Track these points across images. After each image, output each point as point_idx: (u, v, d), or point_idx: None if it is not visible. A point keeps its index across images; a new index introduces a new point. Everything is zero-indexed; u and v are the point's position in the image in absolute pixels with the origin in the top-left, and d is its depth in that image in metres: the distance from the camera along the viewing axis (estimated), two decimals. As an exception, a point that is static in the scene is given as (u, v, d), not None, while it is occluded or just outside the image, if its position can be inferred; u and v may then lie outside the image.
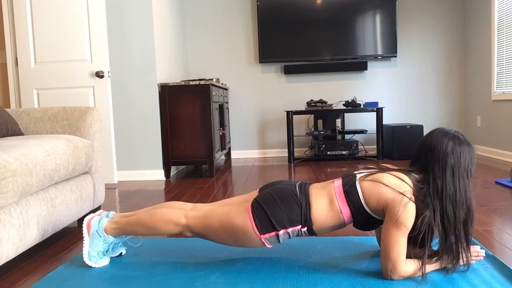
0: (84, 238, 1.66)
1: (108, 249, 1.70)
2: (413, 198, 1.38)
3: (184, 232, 1.58)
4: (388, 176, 1.44)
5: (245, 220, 1.48)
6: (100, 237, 1.65)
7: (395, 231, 1.36)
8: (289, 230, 1.48)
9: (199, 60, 5.19)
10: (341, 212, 1.46)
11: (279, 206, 1.47)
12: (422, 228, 1.36)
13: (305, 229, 1.48)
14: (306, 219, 1.47)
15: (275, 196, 1.50)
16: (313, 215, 1.46)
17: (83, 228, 1.67)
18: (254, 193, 1.65)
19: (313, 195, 1.49)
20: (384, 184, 1.41)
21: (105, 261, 1.69)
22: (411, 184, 1.41)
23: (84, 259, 1.66)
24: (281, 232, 1.48)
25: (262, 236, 1.48)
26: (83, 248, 1.66)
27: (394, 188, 1.39)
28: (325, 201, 1.48)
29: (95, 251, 1.66)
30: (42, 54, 3.53)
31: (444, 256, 1.44)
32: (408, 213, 1.36)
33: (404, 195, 1.37)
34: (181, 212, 1.59)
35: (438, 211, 1.38)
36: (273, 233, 1.48)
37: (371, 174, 1.48)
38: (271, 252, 1.76)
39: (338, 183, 1.52)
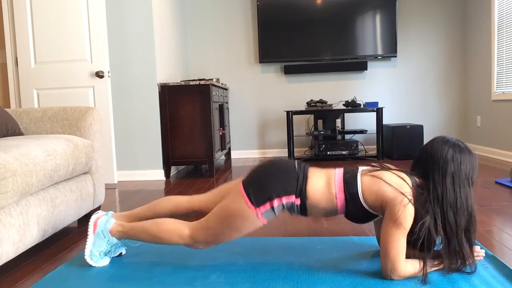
0: (88, 235, 1.66)
1: (110, 250, 1.70)
2: (412, 200, 1.38)
3: (192, 244, 1.56)
4: (390, 175, 1.44)
5: (239, 199, 1.47)
6: (105, 237, 1.65)
7: (394, 230, 1.37)
8: (284, 200, 1.46)
9: (199, 60, 5.19)
10: (336, 197, 1.46)
11: (274, 175, 1.48)
12: (421, 234, 1.36)
13: (298, 202, 1.47)
14: (301, 191, 1.46)
15: (270, 166, 1.51)
16: (308, 189, 1.46)
17: (89, 225, 1.67)
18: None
19: (311, 172, 1.51)
20: (386, 182, 1.41)
21: (106, 261, 1.69)
22: (412, 187, 1.41)
23: (86, 257, 1.65)
24: (276, 202, 1.45)
25: (257, 209, 1.45)
26: (86, 246, 1.66)
27: (396, 187, 1.39)
28: (323, 182, 1.48)
29: (98, 250, 1.66)
30: (42, 54, 3.53)
31: (446, 259, 1.44)
32: (407, 214, 1.36)
33: (405, 196, 1.37)
34: (185, 224, 1.57)
35: (439, 218, 1.38)
36: (268, 205, 1.45)
37: (374, 170, 1.48)
38: (271, 252, 1.76)
39: (339, 171, 1.52)
